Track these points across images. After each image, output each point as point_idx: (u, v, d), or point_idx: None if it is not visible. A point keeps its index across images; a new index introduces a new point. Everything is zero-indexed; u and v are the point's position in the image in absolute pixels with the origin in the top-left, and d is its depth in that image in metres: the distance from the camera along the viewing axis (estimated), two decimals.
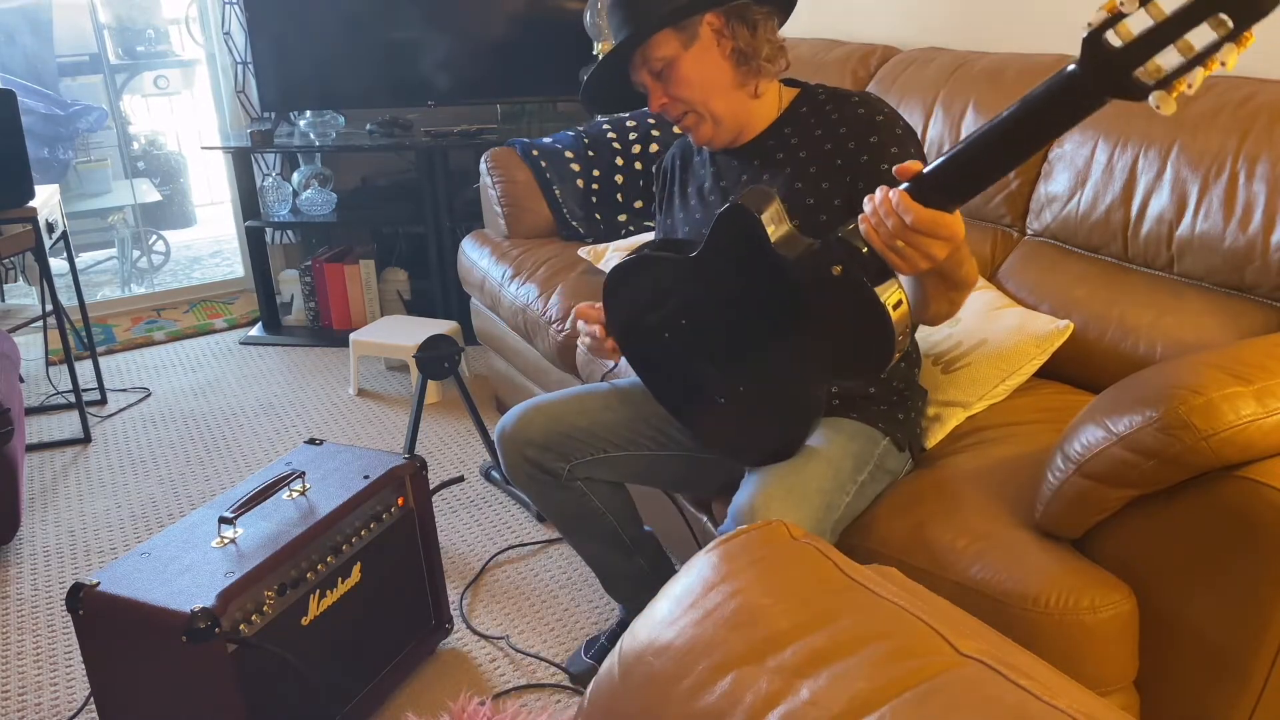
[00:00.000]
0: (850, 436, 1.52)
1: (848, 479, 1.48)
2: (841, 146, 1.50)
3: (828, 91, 1.57)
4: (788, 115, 1.58)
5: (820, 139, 1.52)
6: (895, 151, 1.46)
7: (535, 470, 1.70)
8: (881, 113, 1.50)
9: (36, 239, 2.75)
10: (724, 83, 1.52)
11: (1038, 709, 0.68)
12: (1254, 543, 1.16)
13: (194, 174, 5.49)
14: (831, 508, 1.44)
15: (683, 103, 1.53)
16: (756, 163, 1.59)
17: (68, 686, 1.96)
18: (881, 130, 1.48)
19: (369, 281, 3.71)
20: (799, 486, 1.42)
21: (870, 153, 1.47)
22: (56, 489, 2.72)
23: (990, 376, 1.73)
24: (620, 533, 1.79)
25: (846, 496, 1.47)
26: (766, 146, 1.58)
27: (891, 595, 0.83)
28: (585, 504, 1.74)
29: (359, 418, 3.07)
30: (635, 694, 0.84)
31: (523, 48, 3.54)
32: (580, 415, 1.70)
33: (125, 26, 4.76)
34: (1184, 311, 1.71)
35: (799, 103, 1.58)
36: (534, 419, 1.69)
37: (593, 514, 1.76)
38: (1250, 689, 1.22)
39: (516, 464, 1.71)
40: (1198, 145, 1.70)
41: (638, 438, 1.71)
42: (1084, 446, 1.27)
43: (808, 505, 1.40)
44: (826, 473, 1.45)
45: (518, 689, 1.89)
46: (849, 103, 1.53)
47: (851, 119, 1.50)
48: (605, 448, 1.70)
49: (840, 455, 1.49)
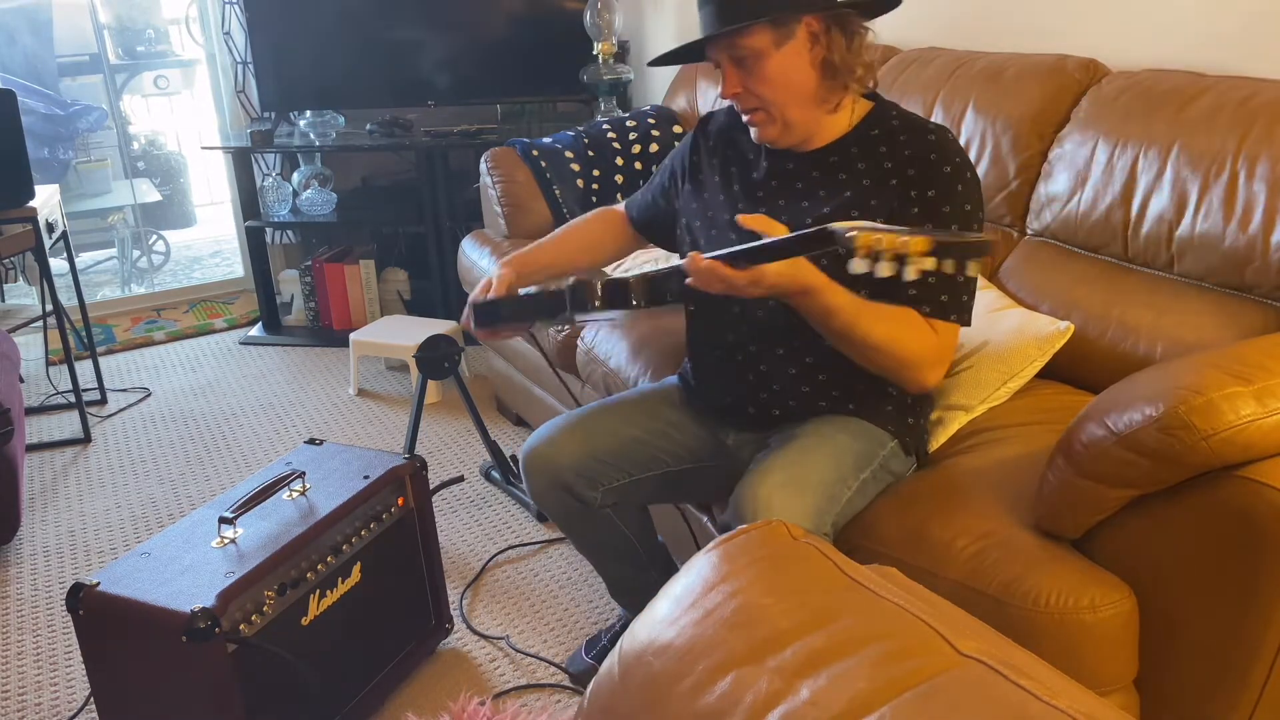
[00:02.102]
0: (854, 435, 1.52)
1: (849, 473, 1.48)
2: (904, 185, 1.45)
3: (902, 118, 1.50)
4: (858, 133, 1.51)
5: (888, 171, 1.46)
6: (947, 211, 1.43)
7: (567, 496, 1.66)
8: (951, 162, 1.44)
9: (36, 239, 2.75)
10: (806, 91, 1.46)
11: (1038, 709, 0.67)
12: (1254, 543, 1.16)
13: (194, 174, 5.49)
14: (833, 499, 1.44)
15: (758, 99, 1.47)
16: (816, 174, 1.52)
17: (68, 686, 1.96)
18: (941, 185, 1.43)
19: (369, 281, 3.71)
20: (800, 476, 1.42)
21: (921, 205, 1.44)
22: (56, 489, 2.72)
23: (992, 379, 1.73)
24: (639, 549, 1.78)
25: (848, 490, 1.47)
26: (829, 163, 1.51)
27: (891, 595, 0.83)
28: (611, 528, 1.72)
29: (359, 418, 3.07)
30: (635, 694, 0.84)
31: (523, 48, 3.54)
32: (609, 436, 1.66)
33: (125, 26, 4.76)
34: (1184, 311, 1.71)
35: (870, 122, 1.51)
36: (565, 444, 1.65)
37: (617, 536, 1.74)
38: (1250, 689, 1.22)
39: (546, 491, 1.67)
40: (1198, 145, 1.70)
41: (659, 454, 1.68)
42: (1084, 446, 1.27)
43: (810, 495, 1.40)
44: (828, 465, 1.46)
45: (518, 689, 1.89)
46: (925, 139, 1.46)
47: (922, 160, 1.44)
48: (632, 470, 1.67)
49: (843, 450, 1.49)
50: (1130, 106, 1.84)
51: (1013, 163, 2.04)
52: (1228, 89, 1.73)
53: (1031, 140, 2.01)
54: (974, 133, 2.11)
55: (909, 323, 1.42)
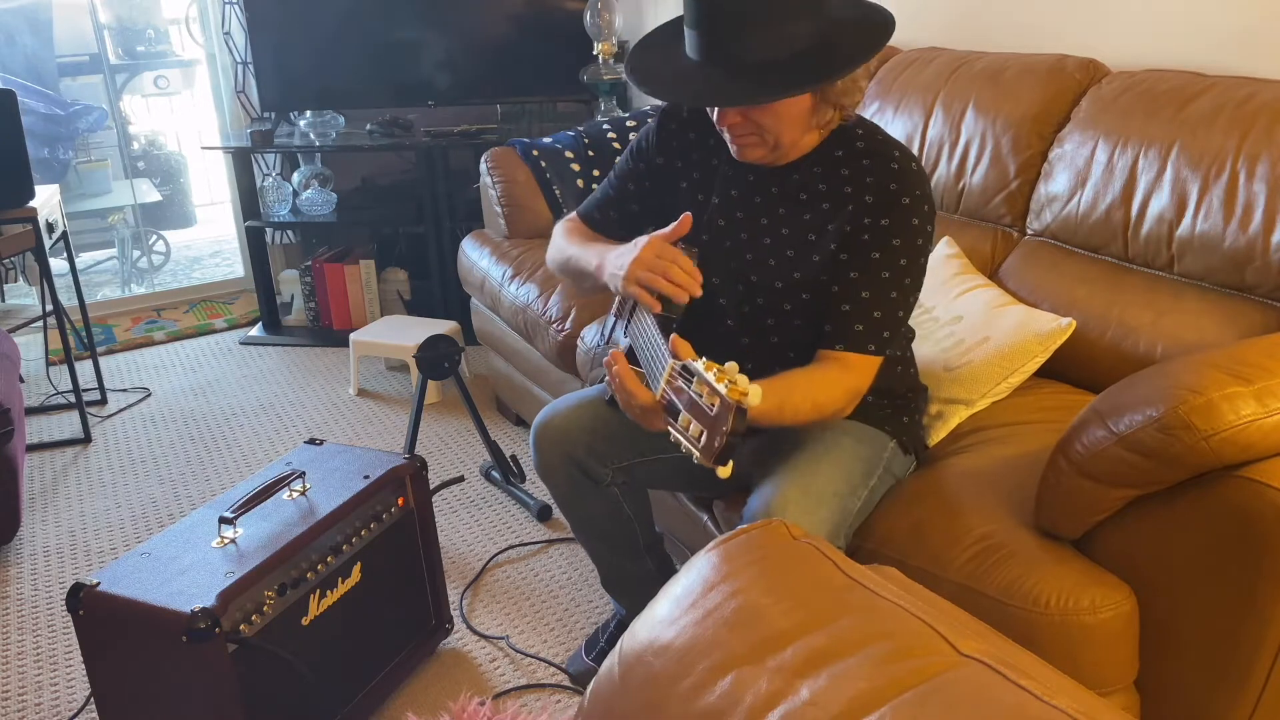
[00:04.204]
0: (857, 439, 1.52)
1: (859, 482, 1.47)
2: (859, 211, 1.43)
3: (867, 138, 1.47)
4: (822, 152, 1.48)
5: (847, 196, 1.45)
6: (896, 244, 1.41)
7: (576, 471, 1.65)
8: (911, 194, 1.41)
9: (36, 239, 2.75)
10: (802, 116, 1.42)
11: (1038, 709, 0.67)
12: (1254, 543, 1.16)
13: (194, 174, 5.49)
14: (846, 511, 1.44)
15: (757, 126, 1.42)
16: (775, 190, 1.51)
17: (68, 686, 1.96)
18: (897, 216, 1.41)
19: (369, 281, 3.71)
20: (814, 489, 1.41)
21: (872, 234, 1.42)
22: (56, 489, 2.72)
23: (993, 374, 1.73)
24: (639, 537, 1.77)
25: (858, 501, 1.47)
26: (791, 180, 1.49)
27: (891, 595, 0.83)
28: (615, 510, 1.71)
29: (359, 418, 3.07)
30: (635, 694, 0.84)
31: (523, 48, 3.54)
32: (616, 416, 1.63)
33: (125, 26, 4.76)
34: (1184, 311, 1.71)
35: (835, 140, 1.48)
36: (578, 418, 1.63)
37: (620, 520, 1.73)
38: (1250, 689, 1.22)
39: (556, 464, 1.65)
40: (1198, 145, 1.70)
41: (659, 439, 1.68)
42: (1084, 446, 1.27)
43: (824, 508, 1.40)
44: (838, 475, 1.45)
45: (518, 689, 1.89)
46: (887, 167, 1.43)
47: (882, 189, 1.42)
48: (644, 450, 1.66)
49: (850, 456, 1.48)
50: (1130, 106, 1.84)
51: (1013, 163, 2.04)
52: (1228, 89, 1.73)
53: (1031, 140, 2.01)
54: (974, 133, 2.11)
55: (824, 383, 1.42)
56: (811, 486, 1.42)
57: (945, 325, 1.86)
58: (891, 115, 2.31)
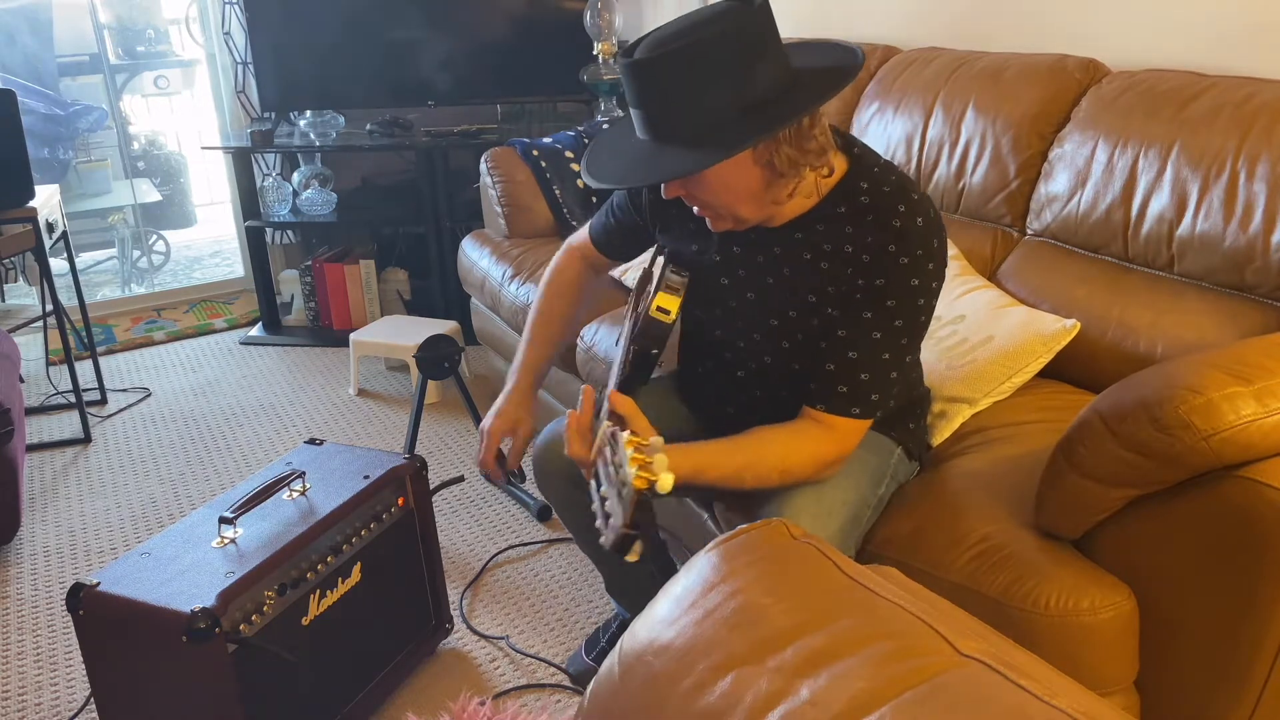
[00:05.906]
0: (866, 447, 1.49)
1: (869, 492, 1.47)
2: (856, 272, 1.37)
3: (873, 191, 1.36)
4: (823, 210, 1.38)
5: (848, 257, 1.37)
6: (891, 305, 1.34)
7: (579, 493, 1.66)
8: (911, 254, 1.33)
9: (36, 239, 2.75)
10: (754, 190, 1.32)
11: (1038, 709, 0.67)
12: (1254, 543, 1.16)
13: (194, 174, 5.49)
14: (857, 521, 1.44)
15: (701, 202, 1.36)
16: (778, 250, 1.43)
17: (68, 686, 1.96)
18: (894, 276, 1.34)
19: (369, 281, 3.71)
20: (826, 499, 1.41)
21: (866, 294, 1.36)
22: (56, 489, 2.72)
23: (996, 374, 1.73)
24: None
25: (868, 509, 1.47)
26: (793, 239, 1.41)
27: (891, 595, 0.83)
28: None
29: (359, 418, 3.07)
30: (635, 694, 0.84)
31: (523, 48, 3.54)
32: None
33: (125, 26, 4.76)
34: (1184, 311, 1.71)
35: (839, 195, 1.38)
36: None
37: None
38: (1250, 689, 1.22)
39: (559, 489, 1.70)
40: (1198, 145, 1.70)
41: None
42: (1084, 446, 1.27)
43: (835, 519, 1.40)
44: (848, 484, 1.44)
45: (518, 689, 1.89)
46: (889, 226, 1.33)
47: (880, 251, 1.34)
48: None
49: (860, 468, 1.47)
50: (1130, 106, 1.84)
51: (1013, 163, 2.04)
52: (1228, 89, 1.73)
53: (1031, 140, 2.01)
54: (974, 133, 2.11)
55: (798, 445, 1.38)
56: (824, 495, 1.41)
57: (948, 324, 1.86)
58: (891, 115, 2.31)
